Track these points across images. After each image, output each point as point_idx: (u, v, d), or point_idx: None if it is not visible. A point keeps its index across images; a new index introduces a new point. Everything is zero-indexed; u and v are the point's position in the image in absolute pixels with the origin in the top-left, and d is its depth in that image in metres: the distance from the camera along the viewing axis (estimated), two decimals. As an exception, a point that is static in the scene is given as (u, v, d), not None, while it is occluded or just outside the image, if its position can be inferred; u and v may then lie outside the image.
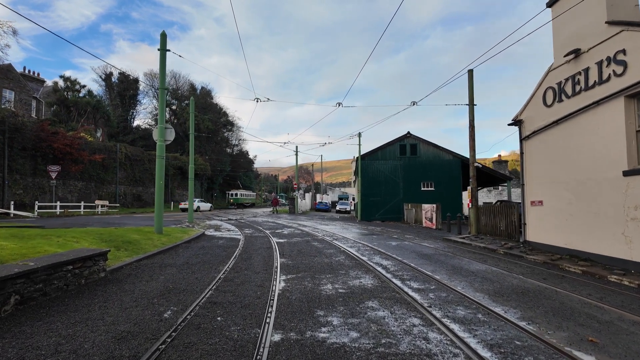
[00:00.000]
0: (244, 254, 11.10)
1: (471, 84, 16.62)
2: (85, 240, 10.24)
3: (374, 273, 8.42)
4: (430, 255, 11.24)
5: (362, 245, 13.41)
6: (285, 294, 6.52)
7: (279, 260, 10.03)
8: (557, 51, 10.89)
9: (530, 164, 12.35)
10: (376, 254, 11.47)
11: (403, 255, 11.27)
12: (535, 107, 12.02)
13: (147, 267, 8.87)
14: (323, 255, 11.06)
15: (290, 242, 14.04)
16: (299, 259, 10.34)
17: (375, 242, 14.69)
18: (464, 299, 6.34)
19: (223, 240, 14.32)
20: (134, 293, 6.53)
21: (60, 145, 32.42)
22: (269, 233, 17.34)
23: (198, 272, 8.35)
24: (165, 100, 14.43)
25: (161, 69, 14.29)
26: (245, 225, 22.03)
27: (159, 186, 14.17)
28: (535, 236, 12.04)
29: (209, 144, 61.71)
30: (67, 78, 45.29)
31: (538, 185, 11.88)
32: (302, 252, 11.65)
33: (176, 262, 9.67)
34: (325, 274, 8.24)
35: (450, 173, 30.41)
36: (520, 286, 7.37)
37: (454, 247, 13.68)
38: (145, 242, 11.70)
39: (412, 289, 6.99)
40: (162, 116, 14.36)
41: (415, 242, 15.00)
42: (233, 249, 12.09)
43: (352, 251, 11.82)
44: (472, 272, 8.79)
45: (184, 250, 11.63)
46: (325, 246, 13.11)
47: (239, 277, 7.84)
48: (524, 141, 12.63)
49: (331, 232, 18.54)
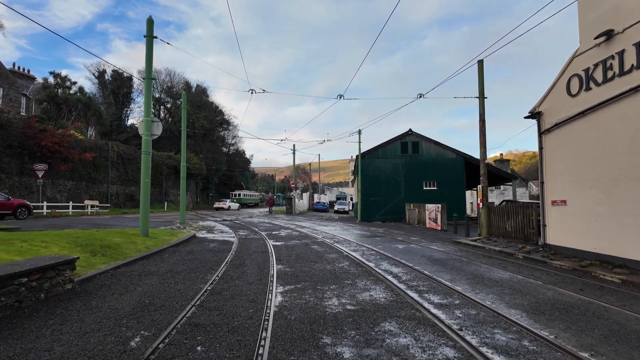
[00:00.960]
0: (237, 259, 9.98)
1: (481, 76, 15.57)
2: (56, 245, 9.08)
3: (385, 283, 7.32)
4: (444, 261, 10.15)
5: (367, 249, 12.31)
6: (282, 312, 5.41)
7: (275, 267, 8.92)
8: (584, 34, 9.84)
9: (551, 160, 11.29)
10: (383, 259, 10.38)
11: (413, 260, 10.19)
12: (556, 97, 10.96)
13: (124, 276, 7.74)
14: (324, 260, 9.95)
15: (288, 246, 12.93)
16: (298, 265, 9.23)
17: (380, 245, 13.60)
18: (498, 318, 5.25)
19: (215, 244, 13.19)
20: (101, 311, 5.40)
21: (49, 143, 31.17)
22: (265, 235, 16.22)
23: (182, 283, 7.23)
24: (151, 91, 13.29)
25: (147, 57, 13.14)
26: (240, 227, 20.89)
27: (145, 185, 13.02)
28: (557, 239, 10.98)
29: (205, 143, 60.47)
30: (58, 74, 43.96)
31: (560, 183, 10.83)
32: (301, 257, 10.54)
33: (159, 269, 8.54)
34: (329, 285, 7.13)
35: (454, 172, 29.36)
36: (558, 300, 6.29)
37: (466, 250, 12.61)
38: (127, 246, 10.55)
39: (434, 304, 5.90)
40: (148, 108, 13.21)
41: (423, 245, 13.93)
42: (225, 253, 10.97)
43: (356, 256, 10.72)
44: (495, 281, 7.71)
45: (170, 256, 10.50)
46: (326, 250, 12.01)
47: (228, 289, 6.72)
48: (543, 135, 11.58)
49: (331, 234, 17.45)
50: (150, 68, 13.17)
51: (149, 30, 13.23)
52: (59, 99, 41.71)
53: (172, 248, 11.80)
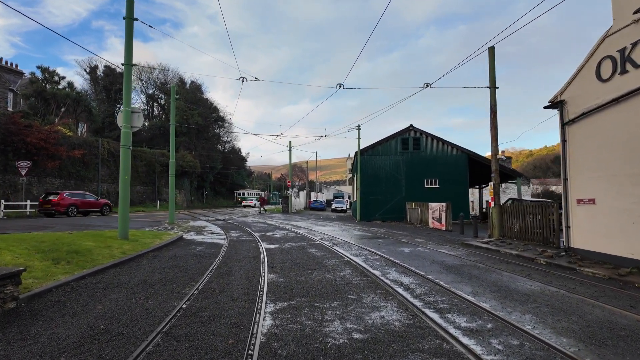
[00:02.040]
0: (224, 266, 8.76)
1: (492, 63, 14.35)
2: (11, 251, 7.82)
3: (397, 299, 6.11)
4: (458, 268, 8.97)
5: (369, 253, 11.12)
6: (271, 343, 4.19)
7: (266, 276, 7.70)
8: (619, 10, 8.66)
9: (576, 153, 10.12)
10: (389, 265, 9.18)
11: (423, 267, 9.00)
12: (583, 82, 9.78)
13: (86, 290, 6.51)
14: (323, 267, 8.74)
15: (283, 249, 11.72)
16: (293, 273, 8.02)
17: (384, 247, 12.42)
18: (553, 353, 4.05)
19: (202, 247, 11.95)
20: (37, 342, 4.18)
21: (34, 140, 29.80)
22: (258, 237, 14.99)
23: (153, 298, 6.01)
24: (131, 78, 12.02)
25: (127, 40, 11.86)
26: (233, 227, 19.65)
27: (124, 182, 11.77)
28: (584, 242, 9.82)
29: (199, 140, 59.08)
30: (46, 69, 42.39)
31: (588, 179, 9.66)
32: (296, 263, 9.33)
33: (131, 280, 7.31)
34: (330, 301, 5.93)
35: (456, 169, 28.20)
36: (613, 322, 5.11)
37: (480, 254, 11.43)
38: (100, 252, 9.30)
39: (461, 329, 4.70)
40: (127, 97, 11.93)
41: (430, 247, 12.75)
42: (211, 259, 9.74)
43: (358, 262, 9.52)
44: (526, 294, 6.53)
45: (148, 262, 9.26)
46: (324, 254, 10.81)
47: (207, 308, 5.50)
48: (567, 126, 10.40)
49: (330, 235, 16.24)
50: (130, 53, 11.89)
51: (129, 11, 11.95)
52: (46, 94, 40.18)
53: (153, 253, 10.56)
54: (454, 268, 8.92)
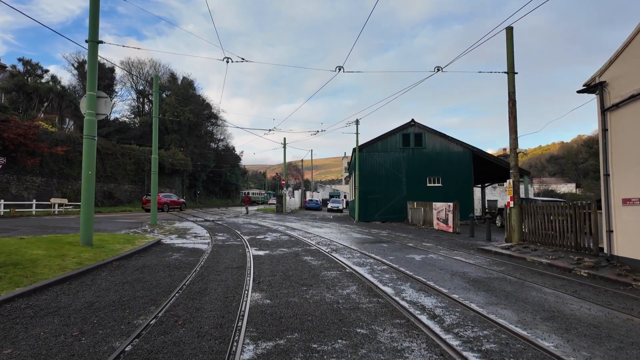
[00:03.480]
0: (199, 281, 7.10)
1: (510, 46, 12.73)
2: None
3: (424, 335, 4.48)
4: (486, 283, 7.37)
5: (375, 262, 9.49)
6: None
7: (250, 295, 6.05)
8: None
9: (621, 144, 8.56)
10: (402, 279, 7.56)
11: (443, 281, 7.39)
12: (630, 61, 8.22)
13: (6, 319, 4.83)
14: (322, 282, 7.11)
15: (273, 257, 10.08)
16: (284, 291, 6.38)
17: (390, 254, 10.81)
18: None
19: (179, 254, 10.28)
20: None
21: (12, 135, 28.00)
22: (247, 240, 13.32)
23: (90, 334, 4.35)
24: (97, 57, 10.30)
25: (92, 12, 10.14)
26: (221, 229, 17.96)
27: (87, 178, 10.08)
28: (633, 250, 8.26)
29: (191, 138, 57.24)
30: (28, 61, 40.40)
31: (637, 175, 8.10)
32: (288, 275, 7.69)
33: (74, 302, 5.64)
34: (332, 340, 4.29)
35: (460, 166, 26.67)
36: None
37: (504, 263, 9.85)
38: (47, 263, 7.60)
39: (537, 398, 3.08)
40: (92, 80, 10.21)
41: (443, 254, 11.16)
42: (186, 270, 8.08)
43: (364, 274, 7.89)
44: (590, 324, 4.94)
45: (108, 275, 7.58)
46: (322, 263, 9.17)
47: (158, 352, 3.85)
48: (608, 112, 8.84)
49: (327, 239, 14.61)
50: (95, 27, 10.17)
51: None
52: (28, 87, 38.19)
53: (118, 262, 8.86)
54: (480, 282, 7.32)
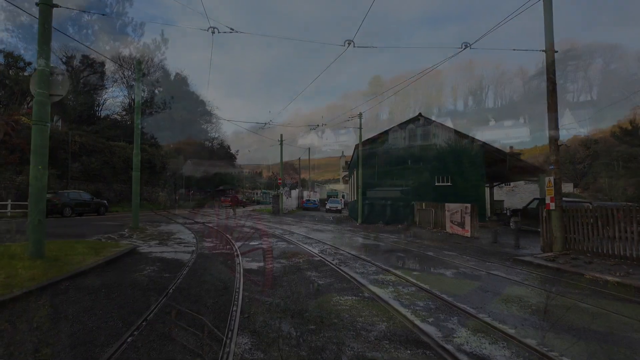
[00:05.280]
0: (164, 317, 5.09)
1: (549, 18, 10.74)
2: None
3: None
4: (557, 314, 5.39)
5: (398, 280, 7.50)
6: None
7: (232, 352, 4.05)
8: None
9: None
10: (444, 310, 5.57)
11: (498, 311, 5.43)
12: None
13: None
14: (335, 318, 5.10)
15: (268, 272, 8.07)
16: (283, 341, 4.38)
17: (413, 269, 8.84)
18: None
19: (153, 268, 8.25)
20: None
21: (-12, 130, 25.89)
22: (238, 248, 11.29)
23: None
24: (50, 22, 8.25)
25: (42, -32, 8.10)
26: (210, 233, 15.94)
27: (37, 174, 8.05)
28: None
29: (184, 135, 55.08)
30: (9, 53, 38.07)
31: None
32: (288, 307, 5.70)
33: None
34: None
35: (472, 164, 24.75)
36: None
37: (556, 280, 7.89)
38: (-40, 288, 5.57)
39: None
40: (44, 51, 8.12)
41: (472, 265, 9.22)
42: (154, 295, 6.05)
43: (388, 300, 5.90)
44: None
45: (48, 300, 5.55)
46: (331, 282, 7.17)
47: None
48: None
49: (331, 245, 12.62)
50: (46, -14, 8.13)
51: None
52: (9, 80, 35.95)
53: (70, 282, 6.80)
54: (550, 314, 5.34)
